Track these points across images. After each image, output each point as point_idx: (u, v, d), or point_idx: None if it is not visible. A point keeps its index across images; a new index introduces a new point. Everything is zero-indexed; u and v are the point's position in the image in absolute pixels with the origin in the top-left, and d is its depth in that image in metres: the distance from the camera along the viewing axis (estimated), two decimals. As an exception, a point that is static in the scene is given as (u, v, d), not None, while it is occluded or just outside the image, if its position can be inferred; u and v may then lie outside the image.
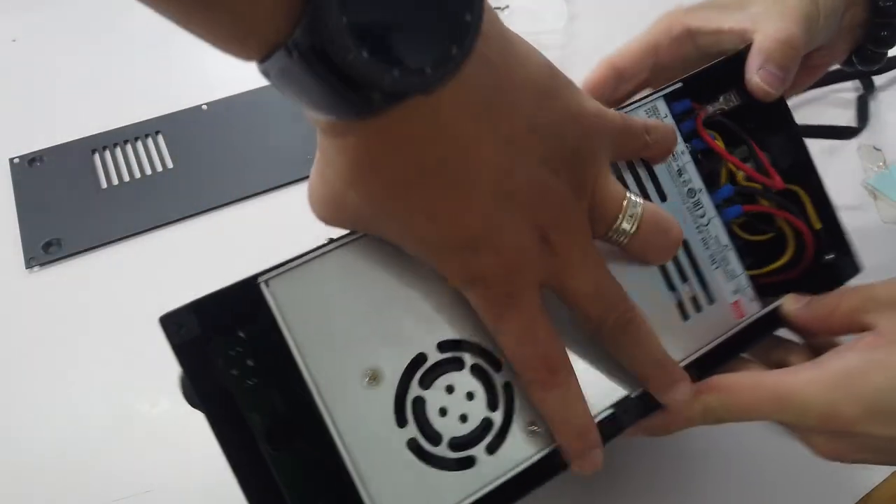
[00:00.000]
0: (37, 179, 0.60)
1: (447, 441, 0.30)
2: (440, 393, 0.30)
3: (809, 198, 0.38)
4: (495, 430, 0.31)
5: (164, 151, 0.62)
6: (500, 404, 0.31)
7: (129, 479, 0.43)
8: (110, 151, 0.62)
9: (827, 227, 0.38)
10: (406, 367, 0.30)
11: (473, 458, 0.30)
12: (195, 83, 0.69)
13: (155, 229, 0.56)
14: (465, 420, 0.31)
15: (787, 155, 0.38)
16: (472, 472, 0.30)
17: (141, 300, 0.35)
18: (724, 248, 0.36)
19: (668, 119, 0.37)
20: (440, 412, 0.30)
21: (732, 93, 0.39)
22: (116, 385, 0.47)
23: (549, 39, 0.74)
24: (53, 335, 0.50)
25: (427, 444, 0.30)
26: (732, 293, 0.36)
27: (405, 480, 0.29)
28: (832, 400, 0.31)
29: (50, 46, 0.74)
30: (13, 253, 0.55)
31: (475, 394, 0.31)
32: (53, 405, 0.46)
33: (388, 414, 0.29)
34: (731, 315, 0.36)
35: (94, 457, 0.44)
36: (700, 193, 0.36)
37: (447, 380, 0.31)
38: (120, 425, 0.45)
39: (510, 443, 0.31)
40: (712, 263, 0.36)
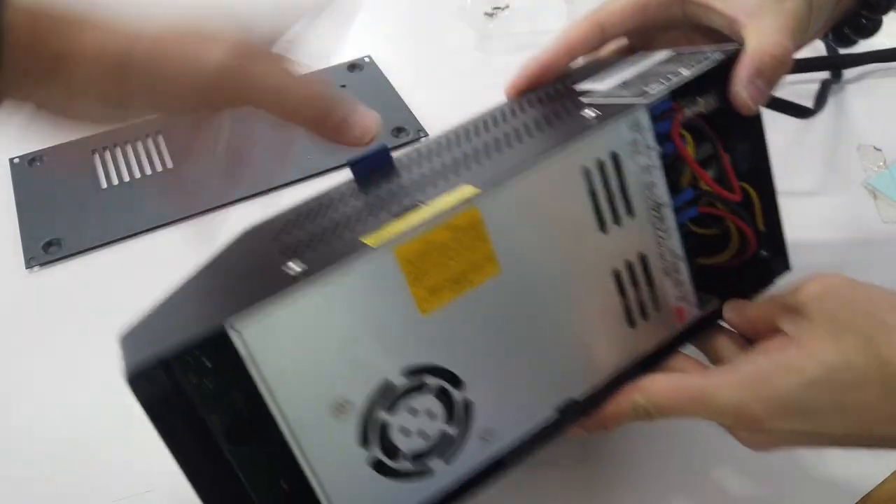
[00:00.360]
0: (37, 179, 0.60)
1: (407, 456, 0.32)
2: (404, 415, 0.32)
3: (760, 200, 0.40)
4: (452, 442, 0.33)
5: (164, 151, 0.62)
6: (457, 419, 0.33)
7: (129, 479, 0.43)
8: (110, 151, 0.62)
9: (769, 229, 0.41)
10: (371, 395, 0.31)
11: (431, 468, 0.33)
12: (195, 83, 0.69)
13: (155, 229, 0.56)
14: (424, 436, 0.33)
15: (751, 159, 0.40)
16: (429, 481, 0.33)
17: (141, 300, 0.35)
18: (677, 259, 0.38)
19: (648, 126, 0.36)
20: (402, 432, 0.32)
21: (712, 95, 0.38)
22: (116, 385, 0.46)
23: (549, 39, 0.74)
24: (53, 335, 0.50)
25: (388, 460, 0.32)
26: (677, 299, 0.38)
27: (367, 493, 0.32)
28: (743, 401, 0.33)
29: (50, 46, 0.74)
30: (13, 253, 0.55)
31: (436, 412, 0.33)
32: (53, 405, 0.46)
33: (352, 439, 0.31)
34: (673, 319, 0.38)
35: (94, 457, 0.44)
36: (665, 208, 0.37)
37: (411, 403, 0.32)
38: (120, 425, 0.45)
39: (465, 452, 0.33)
40: (665, 274, 0.38)
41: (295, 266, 0.29)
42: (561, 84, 0.43)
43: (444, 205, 0.31)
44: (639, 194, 0.36)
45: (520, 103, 0.42)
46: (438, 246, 0.31)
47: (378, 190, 0.38)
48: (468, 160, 0.36)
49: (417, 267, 0.31)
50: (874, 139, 0.63)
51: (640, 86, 0.37)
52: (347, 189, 0.39)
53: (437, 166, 0.37)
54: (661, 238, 0.37)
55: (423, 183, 0.35)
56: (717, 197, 0.38)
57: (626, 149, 0.35)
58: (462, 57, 0.72)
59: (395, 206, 0.33)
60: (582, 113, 0.35)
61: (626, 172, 0.35)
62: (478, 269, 0.32)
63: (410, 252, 0.30)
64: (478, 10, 0.77)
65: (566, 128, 0.35)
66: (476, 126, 0.41)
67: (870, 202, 0.58)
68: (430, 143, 0.42)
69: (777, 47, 0.37)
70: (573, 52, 0.42)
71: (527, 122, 0.38)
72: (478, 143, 0.38)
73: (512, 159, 0.34)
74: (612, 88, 0.38)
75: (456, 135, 0.41)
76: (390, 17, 0.79)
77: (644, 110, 0.35)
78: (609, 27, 0.42)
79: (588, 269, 0.35)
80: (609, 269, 0.36)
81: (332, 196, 0.39)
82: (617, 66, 0.41)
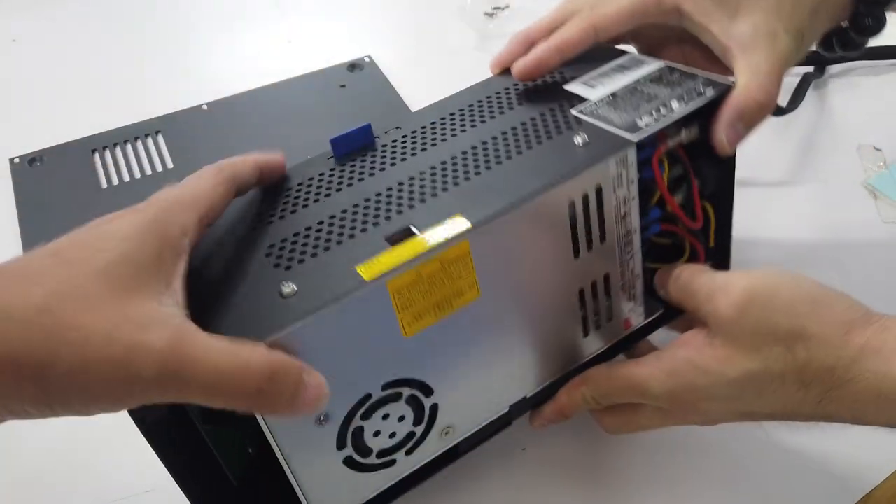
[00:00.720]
0: (37, 179, 0.60)
1: (376, 453, 0.35)
2: (377, 420, 0.35)
3: (716, 219, 0.43)
4: (416, 439, 0.37)
5: (164, 151, 0.62)
6: (424, 420, 0.36)
7: (129, 479, 0.43)
8: (110, 151, 0.62)
9: (719, 245, 0.44)
10: (351, 407, 0.33)
11: (395, 460, 0.36)
12: (195, 83, 0.69)
13: (155, 229, 0.56)
14: (393, 436, 0.36)
15: (717, 183, 0.42)
16: (391, 470, 0.36)
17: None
18: (636, 277, 0.41)
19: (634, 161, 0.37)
20: (374, 434, 0.35)
21: (695, 126, 0.39)
22: (116, 385, 0.47)
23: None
24: (53, 335, 0.50)
25: (359, 458, 0.35)
26: (628, 311, 0.42)
27: (336, 483, 0.35)
28: (671, 388, 0.36)
29: (50, 46, 0.74)
30: (13, 253, 0.54)
31: (405, 416, 0.36)
32: (53, 405, 0.46)
33: (331, 443, 0.34)
34: (621, 328, 0.42)
35: (94, 457, 0.44)
36: (634, 234, 0.39)
37: (385, 410, 0.35)
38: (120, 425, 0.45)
39: (426, 445, 0.37)
40: (622, 290, 0.40)
41: (287, 287, 0.31)
42: (551, 77, 0.43)
43: (438, 238, 0.32)
44: (613, 222, 0.38)
45: (508, 92, 0.43)
46: (428, 276, 0.32)
47: (362, 179, 0.38)
48: (456, 167, 0.37)
49: (406, 296, 0.32)
50: (874, 139, 0.63)
51: (632, 112, 0.38)
52: (326, 167, 0.39)
53: (424, 165, 0.38)
54: (626, 259, 0.40)
55: (413, 188, 0.36)
56: (681, 222, 0.41)
57: (611, 183, 0.37)
58: (462, 57, 0.72)
59: (386, 221, 0.34)
60: (574, 139, 0.37)
61: (606, 204, 0.37)
62: (460, 294, 0.34)
63: (402, 284, 0.32)
64: (478, 10, 0.77)
65: (556, 157, 0.36)
66: (462, 111, 0.42)
67: (870, 202, 0.58)
68: (413, 122, 0.42)
69: (761, 93, 0.38)
70: (564, 54, 0.42)
71: (516, 129, 0.39)
72: (465, 142, 0.39)
73: (502, 184, 0.35)
74: (602, 103, 0.39)
75: (441, 117, 0.41)
76: (390, 17, 0.79)
77: (633, 147, 0.36)
78: (602, 31, 0.42)
79: (557, 290, 0.38)
80: (576, 289, 0.39)
81: (313, 178, 0.39)
82: (608, 70, 0.42)
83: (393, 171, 0.38)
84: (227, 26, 0.77)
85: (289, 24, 0.78)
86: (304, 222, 0.35)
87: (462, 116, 0.41)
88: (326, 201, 0.36)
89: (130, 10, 0.79)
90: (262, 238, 0.35)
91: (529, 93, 0.42)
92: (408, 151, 0.39)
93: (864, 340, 0.33)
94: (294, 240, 0.34)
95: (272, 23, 0.78)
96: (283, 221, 0.36)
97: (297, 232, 0.35)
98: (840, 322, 0.33)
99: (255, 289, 0.32)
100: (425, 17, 0.78)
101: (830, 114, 0.65)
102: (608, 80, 0.41)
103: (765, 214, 0.57)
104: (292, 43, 0.75)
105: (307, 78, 0.69)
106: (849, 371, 0.33)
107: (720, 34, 0.40)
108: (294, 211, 0.36)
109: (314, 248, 0.33)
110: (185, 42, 0.75)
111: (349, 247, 0.33)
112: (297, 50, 0.74)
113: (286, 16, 0.79)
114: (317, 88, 0.68)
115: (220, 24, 0.77)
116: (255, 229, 0.35)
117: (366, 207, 0.35)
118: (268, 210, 0.37)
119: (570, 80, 0.42)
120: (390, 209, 0.35)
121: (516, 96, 0.42)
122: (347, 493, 0.36)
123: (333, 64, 0.71)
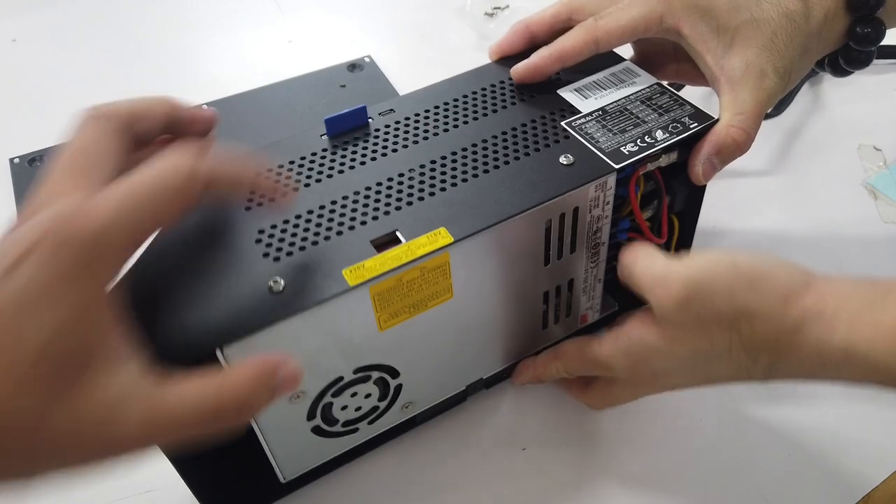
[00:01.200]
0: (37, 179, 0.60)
1: (341, 423, 0.39)
2: (346, 398, 0.38)
3: (680, 232, 0.46)
4: (379, 412, 0.40)
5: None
6: (389, 397, 0.40)
7: (129, 479, 0.43)
8: (110, 151, 0.62)
9: (678, 252, 0.48)
10: (324, 387, 0.36)
11: (357, 428, 0.40)
12: (195, 83, 0.69)
13: (155, 229, 0.56)
14: (359, 410, 0.39)
15: (686, 202, 0.45)
16: (353, 436, 0.41)
17: (141, 300, 0.35)
18: (598, 281, 0.44)
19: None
20: (342, 408, 0.38)
21: (675, 152, 0.41)
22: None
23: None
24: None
25: (326, 426, 0.38)
26: (586, 308, 0.46)
27: (304, 448, 0.39)
28: (629, 366, 0.39)
29: (50, 46, 0.74)
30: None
31: (371, 393, 0.39)
32: (53, 405, 0.46)
33: (302, 415, 0.37)
34: (578, 323, 0.46)
35: (94, 457, 0.44)
36: (602, 245, 0.42)
37: (354, 389, 0.38)
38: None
39: (387, 416, 0.41)
40: (583, 292, 0.44)
41: (277, 284, 0.33)
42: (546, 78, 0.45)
43: (421, 249, 0.34)
44: (584, 236, 0.41)
45: (503, 87, 0.44)
46: (407, 282, 0.35)
47: (353, 167, 0.39)
48: (445, 169, 0.38)
49: (385, 298, 0.35)
50: (874, 139, 0.63)
51: (618, 136, 0.40)
52: (319, 147, 0.40)
53: (413, 162, 0.39)
54: (591, 266, 0.43)
55: (401, 187, 0.37)
56: (647, 237, 0.44)
57: (588, 205, 0.39)
58: (462, 57, 0.72)
59: (373, 220, 0.36)
60: (560, 158, 0.39)
61: (580, 222, 0.39)
62: (436, 297, 0.36)
63: (383, 288, 0.34)
64: (478, 10, 0.77)
65: (541, 176, 0.38)
66: (457, 101, 0.43)
67: (870, 202, 0.58)
68: (408, 107, 0.43)
69: (741, 134, 0.41)
70: (564, 63, 0.44)
71: (506, 135, 0.40)
72: (455, 141, 0.40)
73: (486, 198, 0.37)
74: (592, 118, 0.41)
75: (435, 105, 0.43)
76: (390, 17, 0.79)
77: (614, 174, 0.38)
78: (604, 45, 0.43)
79: (524, 291, 0.41)
80: (541, 292, 0.42)
81: (304, 158, 0.40)
82: (602, 79, 0.44)
83: (383, 162, 0.39)
84: (227, 26, 0.77)
85: (289, 24, 0.78)
86: (295, 209, 0.37)
87: (455, 108, 0.43)
88: (317, 188, 0.38)
89: (130, 10, 0.79)
90: (252, 220, 0.36)
91: (523, 91, 0.44)
92: (399, 142, 0.40)
93: (802, 309, 0.33)
94: (284, 227, 0.36)
95: (272, 23, 0.78)
96: (274, 204, 0.37)
97: (286, 220, 0.36)
98: (780, 295, 0.34)
99: (246, 279, 0.33)
100: (425, 17, 0.78)
101: (831, 114, 0.65)
102: (600, 93, 0.43)
103: (764, 213, 0.57)
104: (292, 43, 0.75)
105: (307, 78, 0.69)
106: (792, 340, 0.34)
107: (713, 64, 0.42)
108: (284, 195, 0.37)
109: (303, 240, 0.35)
110: (186, 42, 0.75)
111: (336, 244, 0.35)
112: (297, 50, 0.74)
113: (286, 16, 0.79)
114: (317, 88, 0.68)
115: (220, 24, 0.77)
116: (248, 209, 0.37)
117: (354, 202, 0.37)
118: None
119: (564, 84, 0.44)
120: (378, 208, 0.36)
121: (510, 93, 0.44)
122: (312, 454, 0.40)
123: (333, 64, 0.71)
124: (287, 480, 0.40)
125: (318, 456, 0.41)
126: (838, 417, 0.45)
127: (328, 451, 0.41)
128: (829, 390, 0.47)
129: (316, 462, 0.41)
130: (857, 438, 0.44)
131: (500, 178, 0.38)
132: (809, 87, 0.67)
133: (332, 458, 0.41)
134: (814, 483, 0.42)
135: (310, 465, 0.41)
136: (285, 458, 0.39)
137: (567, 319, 0.45)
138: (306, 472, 0.41)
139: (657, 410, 0.45)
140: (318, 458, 0.41)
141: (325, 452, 0.41)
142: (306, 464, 0.41)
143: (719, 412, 0.45)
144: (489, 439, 0.44)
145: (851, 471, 0.43)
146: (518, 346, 0.44)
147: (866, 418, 0.45)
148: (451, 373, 0.42)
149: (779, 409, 0.46)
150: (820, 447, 0.44)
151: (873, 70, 0.69)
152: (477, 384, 0.45)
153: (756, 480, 0.42)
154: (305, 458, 0.40)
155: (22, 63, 0.72)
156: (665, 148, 0.40)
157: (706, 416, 0.45)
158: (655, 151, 0.39)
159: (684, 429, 0.45)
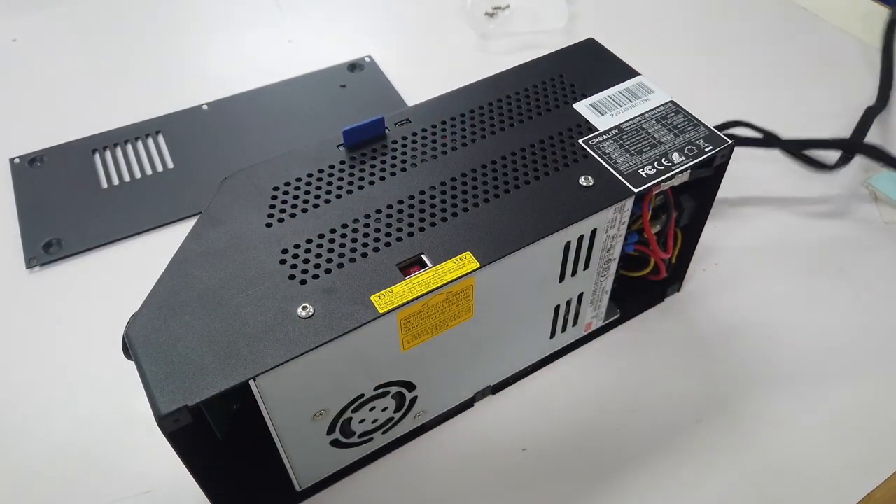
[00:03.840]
0: (37, 179, 0.60)
1: (358, 435, 0.40)
2: (364, 412, 0.39)
3: (683, 244, 0.48)
4: (393, 423, 0.41)
5: (165, 151, 0.62)
6: (404, 409, 0.41)
7: (129, 479, 0.43)
8: (110, 151, 0.62)
9: (679, 264, 0.49)
10: (346, 404, 0.37)
11: (372, 438, 0.41)
12: (195, 83, 0.69)
13: (155, 229, 0.56)
14: (375, 422, 0.40)
15: (693, 216, 0.46)
16: (367, 445, 0.42)
17: (141, 300, 0.35)
18: (605, 293, 0.45)
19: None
20: (360, 421, 0.39)
21: (688, 171, 0.41)
22: (116, 385, 0.47)
23: (549, 39, 0.74)
24: (53, 335, 0.50)
25: (343, 439, 0.39)
26: (591, 318, 0.47)
27: (321, 458, 0.40)
28: None
29: (50, 46, 0.74)
30: (13, 253, 0.55)
31: (389, 407, 0.40)
32: (53, 405, 0.46)
33: (323, 430, 0.38)
34: (582, 330, 0.48)
35: (94, 457, 0.44)
36: (613, 261, 0.43)
37: (373, 404, 0.39)
38: (120, 425, 0.45)
39: (400, 426, 0.42)
40: (591, 303, 0.45)
41: (304, 310, 0.33)
42: (561, 85, 0.45)
43: (448, 275, 0.35)
44: (599, 254, 0.41)
45: (518, 98, 0.44)
46: (433, 306, 0.35)
47: (373, 182, 0.39)
48: (466, 188, 0.39)
49: (411, 322, 0.35)
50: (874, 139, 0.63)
51: (636, 157, 0.40)
52: (336, 159, 0.41)
53: (434, 179, 0.39)
54: (601, 280, 0.44)
55: (423, 206, 0.38)
56: (654, 252, 0.45)
57: (605, 225, 0.40)
58: (462, 57, 0.72)
59: (398, 242, 0.36)
60: (579, 180, 0.39)
61: (596, 242, 0.40)
62: (457, 318, 0.37)
63: (409, 313, 0.34)
64: (478, 10, 0.77)
65: (561, 198, 0.38)
66: (473, 112, 0.43)
67: (870, 202, 0.58)
68: (423, 118, 0.43)
69: None
70: None
71: (525, 151, 0.41)
72: (474, 157, 0.40)
73: (508, 221, 0.37)
74: (609, 137, 0.41)
75: (451, 117, 0.43)
76: (390, 16, 0.79)
77: (633, 197, 0.39)
78: None
79: (538, 308, 0.42)
80: (553, 306, 0.43)
81: (323, 171, 0.40)
82: (617, 94, 0.44)
83: (403, 178, 0.40)
84: (227, 26, 0.77)
85: (289, 24, 0.78)
86: (318, 227, 0.37)
87: (472, 121, 0.43)
88: (338, 203, 0.38)
89: (130, 10, 0.79)
90: (275, 237, 0.36)
91: (539, 103, 0.44)
92: (417, 156, 0.41)
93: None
94: (308, 248, 0.36)
95: (272, 23, 0.78)
96: (295, 221, 0.37)
97: (309, 238, 0.36)
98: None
99: (272, 303, 0.33)
100: (425, 17, 0.78)
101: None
102: (616, 109, 0.43)
103: (765, 214, 0.57)
104: (292, 43, 0.75)
105: (307, 78, 0.69)
106: None
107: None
108: (305, 210, 0.38)
109: (328, 261, 0.35)
110: (186, 42, 0.75)
111: (362, 267, 0.35)
112: (297, 50, 0.74)
113: (286, 16, 0.79)
114: (317, 88, 0.68)
115: (220, 24, 0.77)
116: (269, 225, 0.37)
117: (377, 220, 0.37)
118: (279, 200, 0.38)
119: (579, 98, 0.44)
120: (401, 228, 0.37)
121: (525, 105, 0.44)
122: (328, 464, 0.41)
123: (333, 64, 0.71)
124: (302, 489, 0.41)
125: (333, 465, 0.42)
126: (838, 417, 0.45)
127: (343, 460, 0.42)
128: (829, 390, 0.47)
129: (331, 470, 0.42)
130: (858, 438, 0.44)
131: (521, 200, 0.38)
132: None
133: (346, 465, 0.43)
134: (814, 483, 0.42)
135: (325, 473, 0.42)
136: (303, 468, 0.40)
137: (573, 328, 0.46)
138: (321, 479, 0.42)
139: (657, 410, 0.45)
140: (333, 467, 0.42)
141: (340, 461, 0.42)
142: (321, 472, 0.42)
143: (719, 412, 0.45)
144: (492, 440, 0.44)
145: (851, 471, 0.43)
146: (526, 355, 0.46)
147: (866, 418, 0.45)
148: (463, 382, 0.44)
149: (779, 409, 0.46)
150: (820, 447, 0.44)
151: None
152: (485, 390, 0.46)
153: (756, 480, 0.42)
154: (321, 468, 0.41)
155: (22, 63, 0.72)
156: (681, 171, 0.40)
157: (706, 416, 0.45)
158: (672, 175, 0.40)
159: (683, 428, 0.45)
